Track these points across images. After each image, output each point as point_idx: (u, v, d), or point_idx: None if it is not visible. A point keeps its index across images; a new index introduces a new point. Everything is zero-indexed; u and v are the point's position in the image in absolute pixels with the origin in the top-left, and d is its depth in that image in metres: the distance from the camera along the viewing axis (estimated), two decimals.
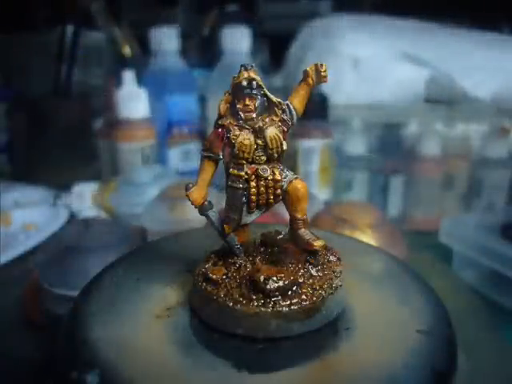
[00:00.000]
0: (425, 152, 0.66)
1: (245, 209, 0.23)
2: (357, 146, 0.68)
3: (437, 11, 0.83)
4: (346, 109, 0.73)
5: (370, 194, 0.69)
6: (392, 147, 0.71)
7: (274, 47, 0.92)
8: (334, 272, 0.23)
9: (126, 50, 0.91)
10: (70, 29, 0.77)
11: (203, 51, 0.97)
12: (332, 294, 0.22)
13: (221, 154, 0.22)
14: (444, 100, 0.77)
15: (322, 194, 0.65)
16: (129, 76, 0.65)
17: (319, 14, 0.93)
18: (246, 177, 0.22)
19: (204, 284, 0.22)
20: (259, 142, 0.22)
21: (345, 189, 0.68)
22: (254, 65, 0.22)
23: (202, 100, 0.78)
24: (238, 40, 0.74)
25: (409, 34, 0.84)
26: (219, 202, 0.24)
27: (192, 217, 0.43)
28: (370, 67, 0.80)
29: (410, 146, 0.70)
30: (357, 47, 0.82)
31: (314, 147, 0.62)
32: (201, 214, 0.23)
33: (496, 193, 0.68)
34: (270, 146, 0.22)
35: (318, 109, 0.64)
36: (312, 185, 0.63)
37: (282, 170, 0.22)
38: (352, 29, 0.84)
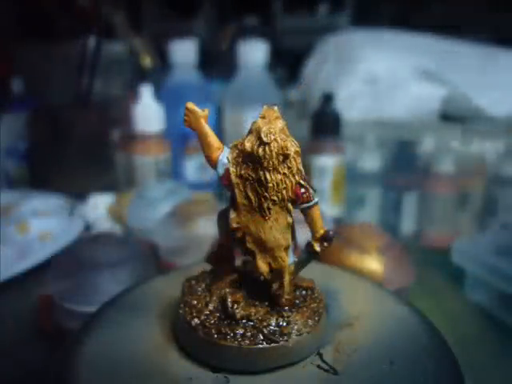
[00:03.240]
0: (439, 169, 0.66)
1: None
2: (370, 162, 0.68)
3: (454, 27, 0.83)
4: (360, 125, 0.73)
5: (383, 210, 0.69)
6: (406, 164, 0.71)
7: (291, 61, 0.93)
8: None
9: (146, 62, 0.93)
10: (91, 40, 0.79)
11: (221, 64, 0.98)
12: None
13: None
14: (459, 117, 0.76)
15: (334, 210, 0.65)
16: (146, 90, 0.66)
17: (336, 29, 0.93)
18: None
19: None
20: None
21: (357, 205, 0.68)
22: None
23: (219, 112, 0.79)
24: (255, 53, 0.75)
25: (425, 50, 0.84)
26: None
27: (203, 233, 0.44)
28: (385, 83, 0.79)
29: (424, 163, 0.69)
30: (372, 63, 0.82)
31: (326, 163, 0.62)
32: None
33: (511, 212, 0.67)
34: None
35: (331, 125, 0.64)
36: (324, 201, 0.63)
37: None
38: (368, 44, 0.84)
